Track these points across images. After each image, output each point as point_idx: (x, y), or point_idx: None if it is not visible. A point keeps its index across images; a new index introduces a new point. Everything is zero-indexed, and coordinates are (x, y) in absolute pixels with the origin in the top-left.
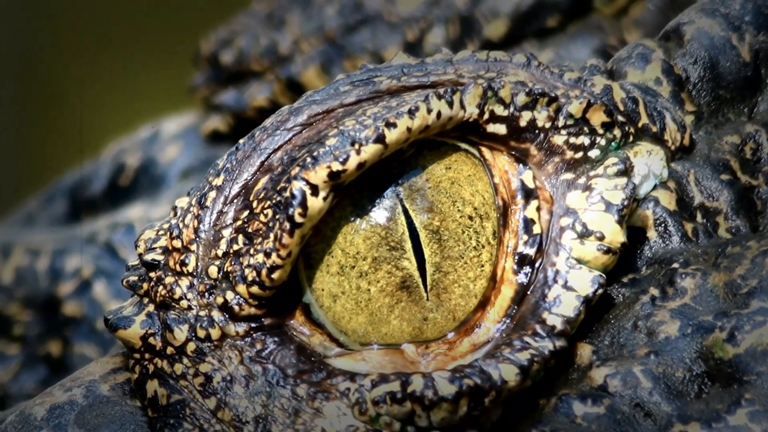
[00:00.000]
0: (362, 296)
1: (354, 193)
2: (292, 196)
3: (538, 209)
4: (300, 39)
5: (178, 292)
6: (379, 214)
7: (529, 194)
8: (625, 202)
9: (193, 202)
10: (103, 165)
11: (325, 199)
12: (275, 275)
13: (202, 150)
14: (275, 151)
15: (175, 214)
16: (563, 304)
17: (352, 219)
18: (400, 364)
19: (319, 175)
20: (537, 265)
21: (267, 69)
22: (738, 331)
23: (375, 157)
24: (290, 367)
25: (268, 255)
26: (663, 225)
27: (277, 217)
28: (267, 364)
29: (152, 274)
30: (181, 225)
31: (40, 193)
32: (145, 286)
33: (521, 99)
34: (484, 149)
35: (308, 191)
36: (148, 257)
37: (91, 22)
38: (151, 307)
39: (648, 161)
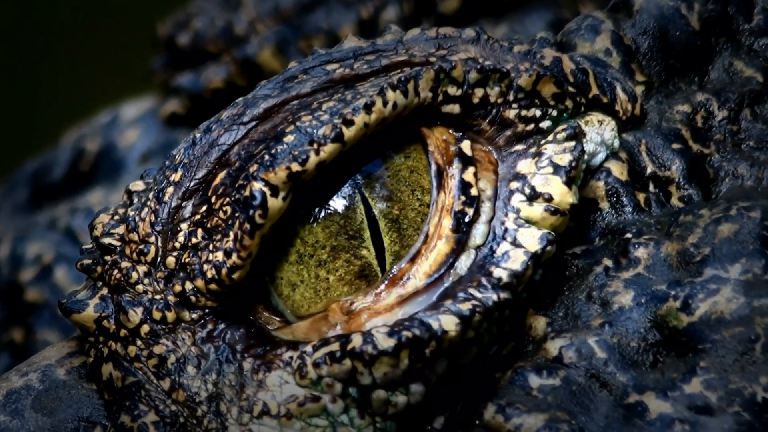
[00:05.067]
0: (321, 285)
1: (313, 183)
2: (252, 197)
3: (476, 174)
4: (255, 20)
5: (134, 277)
6: (337, 202)
7: (467, 161)
8: (573, 164)
9: (151, 197)
10: (63, 151)
11: (285, 199)
12: (235, 275)
13: (161, 133)
14: (232, 146)
15: (130, 200)
16: (511, 259)
17: (311, 208)
18: (325, 329)
19: (278, 176)
20: (474, 224)
21: (223, 50)
22: (692, 300)
23: (334, 155)
24: (239, 343)
25: (228, 255)
26: (615, 195)
27: (236, 215)
28: (218, 342)
29: (107, 258)
30: (137, 219)
31: (3, 182)
32: (99, 269)
33: (473, 76)
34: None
35: (268, 192)
36: (105, 241)
37: (49, 8)
38: (104, 291)
39: (599, 131)
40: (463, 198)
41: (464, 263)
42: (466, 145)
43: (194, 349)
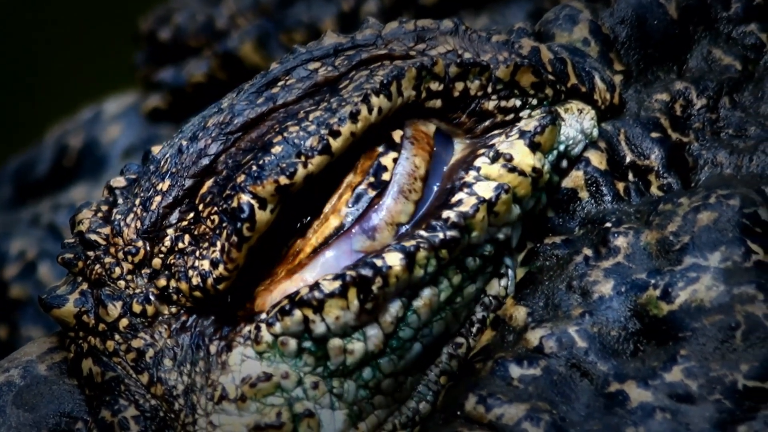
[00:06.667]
0: None
1: (300, 193)
2: (240, 209)
3: (396, 159)
4: (236, 14)
5: (116, 272)
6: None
7: (391, 146)
8: (539, 129)
9: (137, 203)
10: (46, 147)
11: (272, 211)
12: (221, 286)
13: (143, 129)
14: (219, 154)
15: (112, 196)
16: (463, 204)
17: (299, 216)
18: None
19: (266, 189)
20: (373, 205)
21: (204, 45)
22: (672, 288)
23: (321, 167)
24: (209, 328)
25: (215, 265)
26: (595, 185)
27: (224, 225)
28: (191, 330)
29: (90, 253)
30: (122, 224)
31: None
32: (81, 264)
33: (453, 70)
34: None
35: (256, 205)
36: (91, 237)
37: (32, 4)
38: (84, 286)
39: (579, 119)
40: (371, 179)
41: (386, 237)
42: (397, 134)
43: (170, 341)
